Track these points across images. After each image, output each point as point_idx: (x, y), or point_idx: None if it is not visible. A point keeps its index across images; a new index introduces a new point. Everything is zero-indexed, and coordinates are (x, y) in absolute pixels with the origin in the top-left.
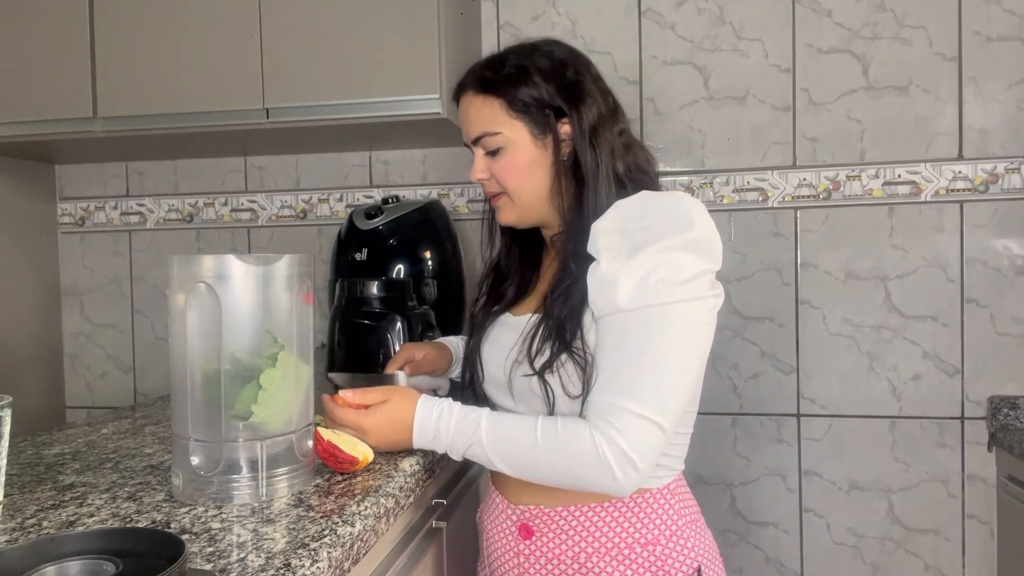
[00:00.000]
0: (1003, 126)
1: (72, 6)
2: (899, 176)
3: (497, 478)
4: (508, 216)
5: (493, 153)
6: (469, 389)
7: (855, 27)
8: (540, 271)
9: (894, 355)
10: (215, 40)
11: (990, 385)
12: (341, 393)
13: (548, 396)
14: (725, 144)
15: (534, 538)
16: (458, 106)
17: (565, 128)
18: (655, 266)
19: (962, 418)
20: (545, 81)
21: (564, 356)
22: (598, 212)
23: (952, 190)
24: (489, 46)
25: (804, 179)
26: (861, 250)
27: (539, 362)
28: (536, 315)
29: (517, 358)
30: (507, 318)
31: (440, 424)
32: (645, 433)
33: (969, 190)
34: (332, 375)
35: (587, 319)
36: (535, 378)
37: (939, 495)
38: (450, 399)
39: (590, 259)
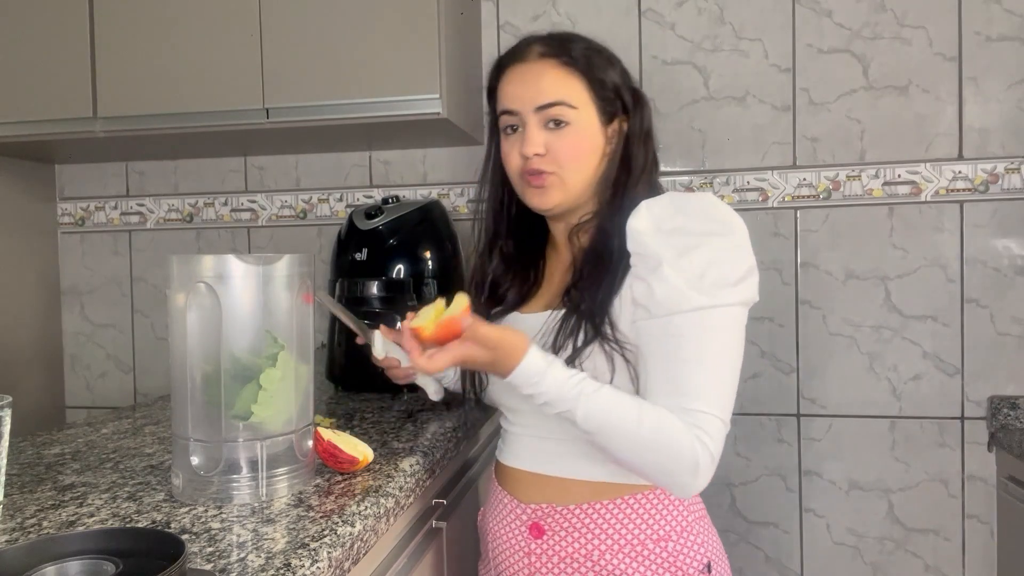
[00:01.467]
0: (1003, 126)
1: (72, 6)
2: (899, 176)
3: (504, 478)
4: (552, 199)
5: (558, 126)
6: (471, 395)
7: (855, 27)
8: (543, 267)
9: (894, 355)
10: (215, 40)
11: (990, 385)
12: (414, 325)
13: None
14: (725, 144)
15: (545, 537)
16: (511, 71)
17: (623, 124)
18: (705, 267)
19: (962, 418)
20: (623, 74)
21: (589, 349)
22: (625, 211)
23: (952, 190)
24: (489, 46)
25: (804, 179)
26: (861, 250)
27: (563, 356)
28: (555, 311)
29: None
30: (516, 317)
31: (548, 374)
32: (720, 432)
33: (969, 190)
34: (320, 295)
35: (615, 310)
36: None
37: (939, 495)
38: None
39: (620, 255)
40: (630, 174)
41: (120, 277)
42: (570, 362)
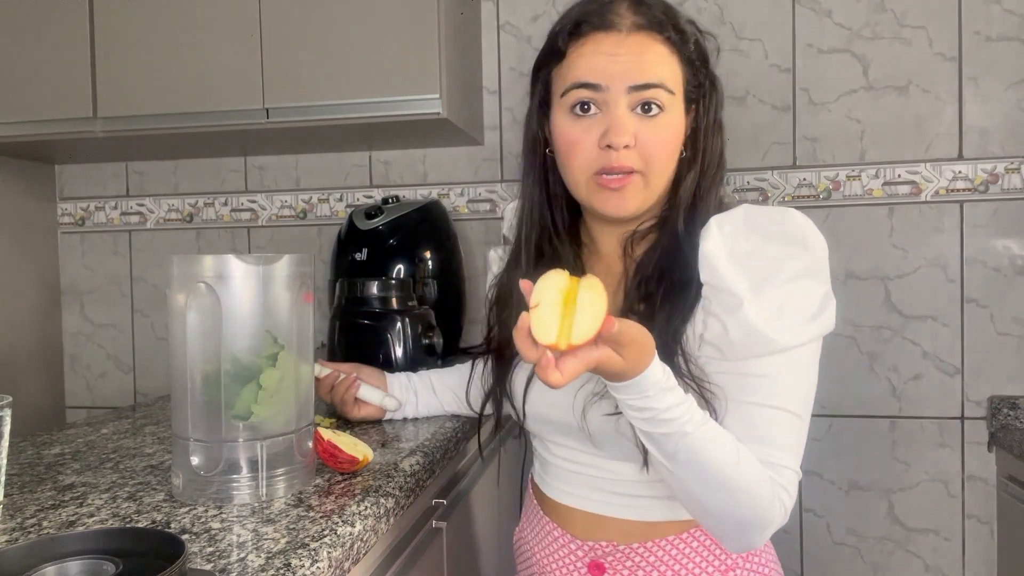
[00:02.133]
0: (1003, 126)
1: (72, 6)
2: (899, 176)
3: (551, 510)
4: (632, 204)
5: (647, 112)
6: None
7: (855, 27)
8: None
9: (894, 355)
10: (215, 40)
11: (990, 385)
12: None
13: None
14: (725, 144)
15: (606, 575)
16: (594, 38)
17: (694, 113)
18: (784, 301)
19: (962, 418)
20: (706, 54)
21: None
22: (698, 222)
23: (952, 190)
24: (489, 46)
25: (804, 179)
26: (861, 250)
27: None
28: None
29: (597, 390)
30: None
31: (667, 388)
32: (795, 485)
33: (969, 190)
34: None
35: (687, 336)
36: (623, 416)
37: (939, 495)
38: None
39: (693, 280)
40: (703, 174)
41: (120, 277)
42: None
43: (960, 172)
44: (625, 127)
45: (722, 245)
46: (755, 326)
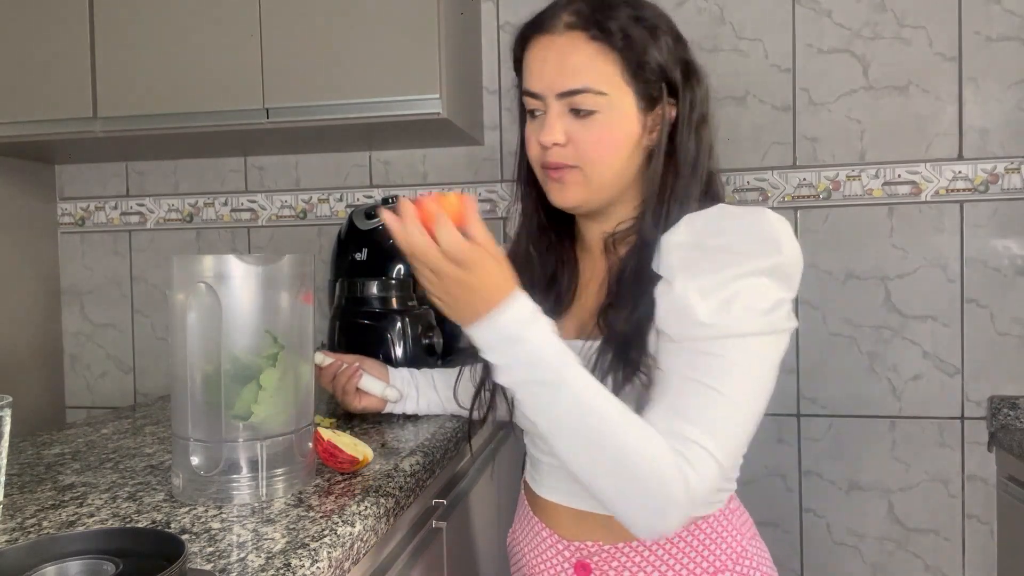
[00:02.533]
0: (1003, 126)
1: (72, 6)
2: (899, 176)
3: (540, 509)
4: (575, 196)
5: (582, 116)
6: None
7: (855, 27)
8: (576, 279)
9: (894, 355)
10: (215, 40)
11: (990, 385)
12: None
13: None
14: (725, 144)
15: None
16: (536, 43)
17: (670, 109)
18: (738, 291)
19: (962, 418)
20: (670, 47)
21: (632, 387)
22: (672, 219)
23: (952, 190)
24: (489, 46)
25: (804, 179)
26: (861, 250)
27: None
28: (591, 341)
29: None
30: None
31: (532, 328)
32: (708, 471)
33: (969, 190)
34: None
35: (651, 337)
36: None
37: (939, 495)
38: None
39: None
40: (678, 170)
41: (120, 277)
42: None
43: (960, 172)
44: (552, 129)
45: (688, 236)
46: (686, 297)
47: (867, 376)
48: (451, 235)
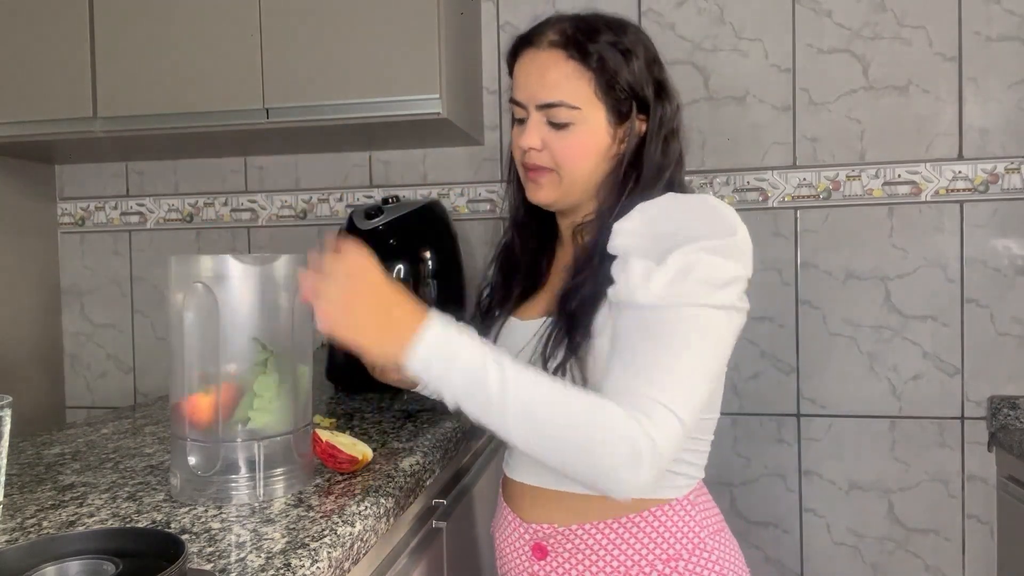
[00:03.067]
0: (1003, 126)
1: (72, 6)
2: (899, 176)
3: (508, 492)
4: (548, 195)
5: (558, 126)
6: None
7: (855, 27)
8: (550, 267)
9: (894, 355)
10: (215, 40)
11: (990, 385)
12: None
13: None
14: (725, 144)
15: (548, 559)
16: (524, 55)
17: (640, 124)
18: (693, 264)
19: (962, 418)
20: (642, 69)
21: (574, 358)
22: (624, 212)
23: (952, 190)
24: (489, 46)
25: (804, 179)
26: (861, 250)
27: (551, 366)
28: (549, 318)
29: (530, 361)
30: (514, 322)
31: (452, 344)
32: (671, 427)
33: (969, 190)
34: None
35: (599, 321)
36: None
37: (939, 495)
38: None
39: (611, 257)
40: (639, 176)
41: (120, 277)
42: (557, 372)
43: (960, 172)
44: (530, 135)
45: (639, 223)
46: (643, 274)
47: (867, 376)
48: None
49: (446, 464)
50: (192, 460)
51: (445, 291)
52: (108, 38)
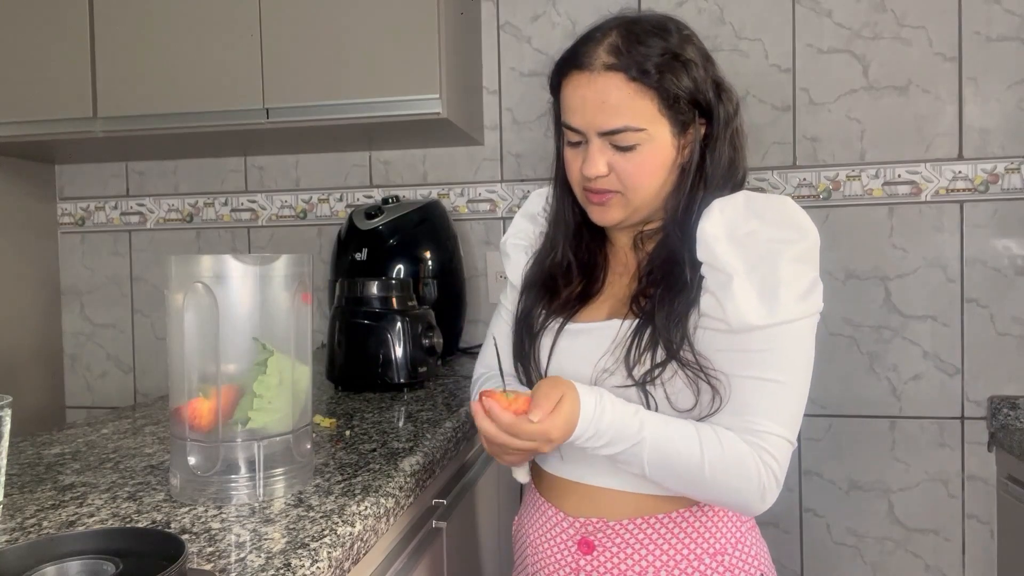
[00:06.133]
0: (1003, 126)
1: (72, 6)
2: (899, 176)
3: (546, 487)
4: (614, 215)
5: (623, 149)
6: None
7: (855, 27)
8: (606, 271)
9: (894, 355)
10: (215, 40)
11: (990, 385)
12: (491, 403)
13: (649, 408)
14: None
15: (596, 553)
16: (574, 78)
17: (701, 127)
18: (780, 280)
19: (962, 418)
20: (701, 74)
21: (671, 370)
22: (698, 215)
23: (952, 190)
24: (489, 46)
25: (804, 179)
26: (861, 250)
27: (639, 372)
28: (628, 320)
29: (608, 367)
30: (578, 326)
31: (601, 423)
32: (786, 453)
33: (969, 190)
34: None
35: (690, 326)
36: (632, 389)
37: (939, 495)
38: (600, 389)
39: (694, 264)
40: (707, 182)
41: (120, 277)
42: (647, 380)
43: (960, 172)
44: (595, 164)
45: (721, 226)
46: (743, 298)
47: (867, 376)
48: (525, 430)
49: (446, 464)
50: (192, 460)
51: (445, 291)
52: (108, 38)
